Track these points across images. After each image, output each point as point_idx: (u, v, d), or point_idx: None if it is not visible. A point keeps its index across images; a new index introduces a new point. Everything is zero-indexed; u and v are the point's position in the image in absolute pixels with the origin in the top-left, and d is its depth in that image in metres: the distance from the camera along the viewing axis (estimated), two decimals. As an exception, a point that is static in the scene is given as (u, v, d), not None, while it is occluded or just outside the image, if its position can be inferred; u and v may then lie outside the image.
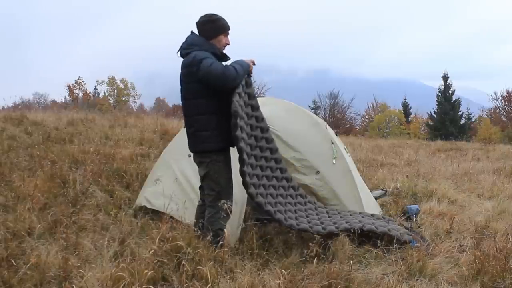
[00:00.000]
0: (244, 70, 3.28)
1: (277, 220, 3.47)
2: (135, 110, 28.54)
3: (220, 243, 3.02)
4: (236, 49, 3.59)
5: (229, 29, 3.36)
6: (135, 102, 35.30)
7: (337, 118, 35.57)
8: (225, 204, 2.93)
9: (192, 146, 3.35)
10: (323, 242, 3.30)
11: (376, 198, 5.42)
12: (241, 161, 3.24)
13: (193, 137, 3.31)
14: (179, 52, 3.32)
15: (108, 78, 33.45)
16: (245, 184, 3.29)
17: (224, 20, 3.33)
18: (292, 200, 3.88)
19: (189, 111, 3.30)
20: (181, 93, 3.33)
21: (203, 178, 3.35)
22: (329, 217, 3.92)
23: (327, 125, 4.99)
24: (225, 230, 3.18)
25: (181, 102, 3.37)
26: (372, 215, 4.14)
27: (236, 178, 3.36)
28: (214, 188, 3.27)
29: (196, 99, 3.24)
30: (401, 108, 36.99)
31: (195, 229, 3.26)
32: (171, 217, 3.60)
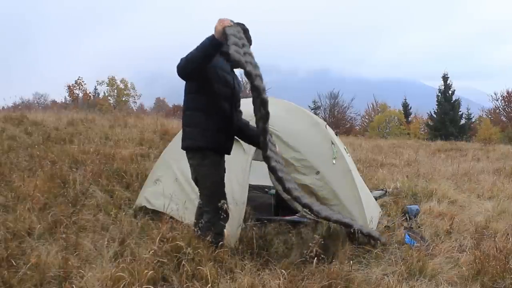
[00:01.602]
0: (202, 47, 2.93)
1: (306, 205, 3.35)
2: (135, 110, 28.51)
3: (220, 243, 3.02)
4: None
5: (251, 45, 3.29)
6: (135, 102, 35.31)
7: (337, 118, 35.53)
8: (225, 205, 2.92)
9: (181, 142, 3.34)
10: (323, 242, 3.30)
11: (376, 198, 5.42)
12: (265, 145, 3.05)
13: (182, 133, 3.32)
14: None
15: (108, 78, 33.45)
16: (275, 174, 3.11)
17: None
18: None
19: (183, 106, 3.32)
20: None
21: (195, 182, 3.35)
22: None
23: (327, 125, 4.98)
24: (225, 230, 3.18)
25: None
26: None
27: (237, 178, 3.34)
28: (204, 193, 3.26)
29: (187, 95, 3.25)
30: (401, 108, 36.97)
31: (195, 229, 3.25)
32: (171, 217, 3.60)
